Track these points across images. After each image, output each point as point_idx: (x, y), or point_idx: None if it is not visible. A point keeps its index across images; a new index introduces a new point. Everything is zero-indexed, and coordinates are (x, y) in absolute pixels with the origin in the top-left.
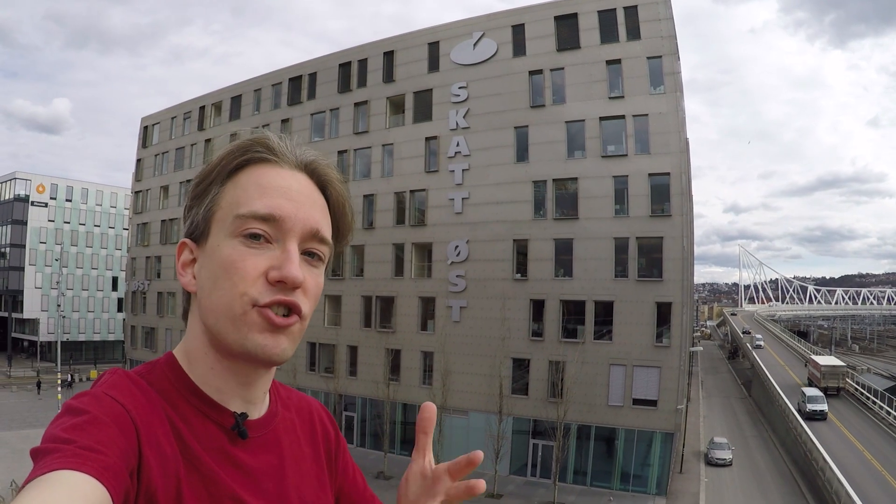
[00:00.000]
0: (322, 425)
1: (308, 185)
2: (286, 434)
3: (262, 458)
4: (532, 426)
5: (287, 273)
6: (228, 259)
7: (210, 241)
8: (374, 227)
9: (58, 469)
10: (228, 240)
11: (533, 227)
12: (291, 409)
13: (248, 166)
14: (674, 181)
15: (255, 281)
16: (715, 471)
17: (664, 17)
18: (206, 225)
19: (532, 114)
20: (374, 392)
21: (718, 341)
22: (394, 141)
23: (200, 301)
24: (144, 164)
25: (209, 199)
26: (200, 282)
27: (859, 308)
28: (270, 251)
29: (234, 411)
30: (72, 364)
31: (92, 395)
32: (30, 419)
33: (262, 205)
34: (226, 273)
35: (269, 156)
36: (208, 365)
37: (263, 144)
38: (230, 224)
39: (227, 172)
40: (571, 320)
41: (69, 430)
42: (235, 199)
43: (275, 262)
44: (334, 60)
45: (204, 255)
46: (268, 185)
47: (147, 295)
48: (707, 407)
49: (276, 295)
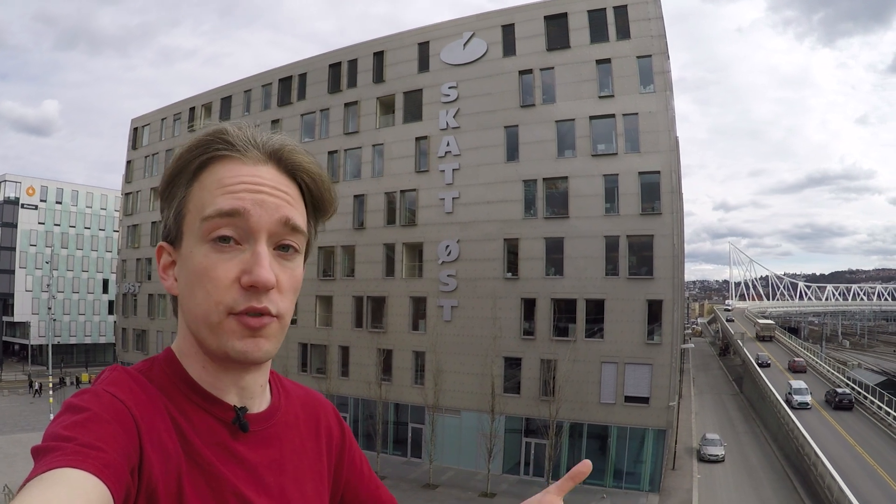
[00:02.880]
0: (327, 421)
1: (274, 175)
2: (288, 429)
3: (263, 453)
4: (524, 425)
5: (257, 277)
6: (201, 267)
7: (184, 246)
8: (364, 227)
9: (58, 467)
10: (199, 245)
11: (523, 227)
12: (296, 403)
13: (211, 164)
14: (664, 179)
15: (228, 289)
16: (707, 467)
17: (653, 17)
18: (178, 228)
19: (522, 113)
20: (367, 392)
21: (710, 338)
22: (384, 141)
23: (182, 306)
24: (134, 166)
25: (177, 201)
26: (180, 287)
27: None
28: (241, 254)
29: (233, 405)
30: (63, 367)
31: (92, 393)
32: (21, 423)
33: (225, 201)
34: (199, 281)
35: (231, 152)
36: (200, 363)
37: (223, 140)
38: (198, 228)
39: (192, 172)
40: (563, 319)
41: (70, 427)
42: (201, 201)
43: (245, 265)
44: (324, 61)
45: (180, 259)
46: (229, 180)
47: (138, 297)
48: (699, 404)
49: (250, 302)
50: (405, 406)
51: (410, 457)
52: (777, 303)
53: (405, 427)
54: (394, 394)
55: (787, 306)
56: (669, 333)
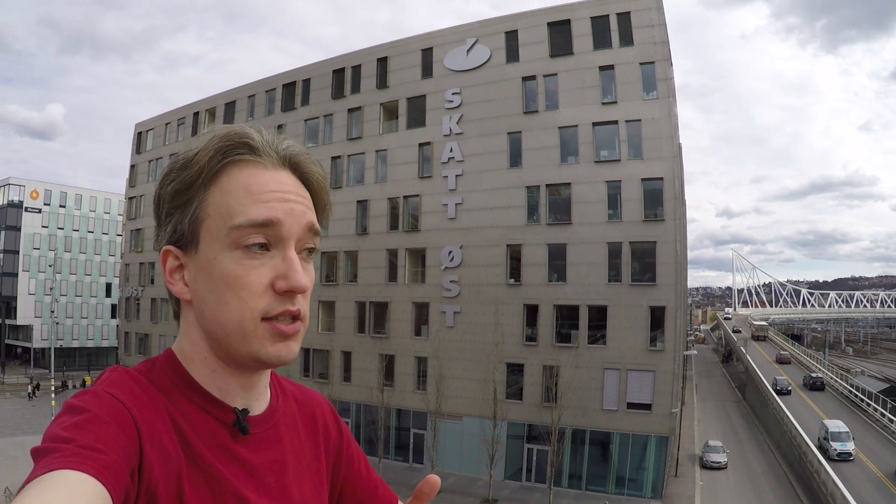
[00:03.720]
0: (323, 419)
1: (293, 181)
2: (287, 429)
3: (264, 454)
4: (526, 431)
5: (295, 283)
6: (232, 274)
7: (202, 250)
8: (367, 232)
9: (57, 468)
10: (227, 252)
11: (526, 233)
12: (293, 402)
13: (230, 168)
14: (667, 186)
15: (262, 294)
16: (710, 474)
17: (657, 24)
18: (194, 233)
19: (525, 119)
20: (369, 397)
21: (712, 345)
22: (387, 147)
23: (203, 313)
24: (138, 170)
25: (194, 206)
26: (198, 293)
27: (853, 311)
28: (271, 259)
29: (234, 407)
30: (65, 370)
31: (92, 394)
32: (23, 426)
33: (257, 212)
34: (231, 288)
35: (252, 156)
36: (209, 368)
37: (245, 144)
38: (226, 235)
39: (210, 176)
40: (565, 325)
41: (69, 428)
42: (227, 208)
43: (279, 270)
44: (328, 67)
45: (195, 264)
46: (257, 189)
47: (141, 301)
48: (701, 410)
49: (285, 305)
50: (407, 411)
51: (412, 462)
52: (780, 309)
53: (407, 432)
54: (396, 399)
55: (790, 313)
56: (672, 340)
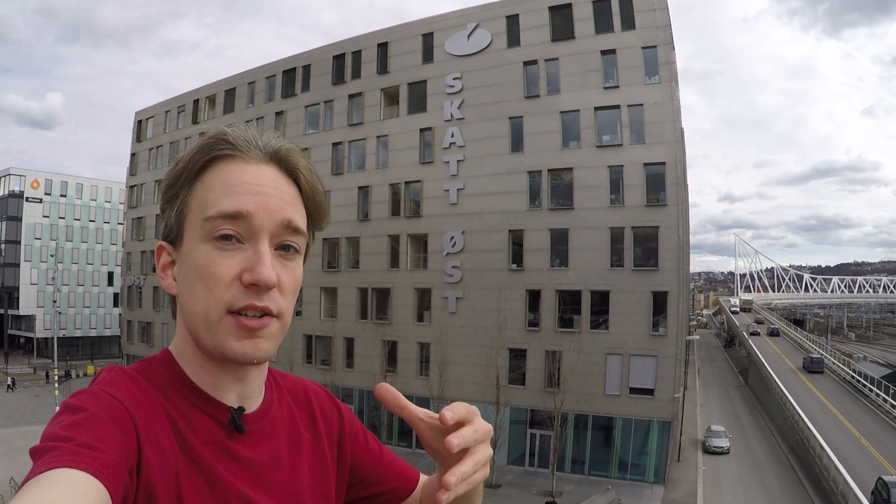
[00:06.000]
0: (320, 406)
1: (276, 175)
2: (283, 422)
3: (261, 450)
4: (529, 416)
5: (259, 276)
6: (202, 264)
7: (184, 245)
8: (369, 218)
9: (56, 467)
10: (201, 244)
11: (528, 218)
12: (287, 395)
13: (213, 165)
14: (669, 171)
15: (229, 285)
16: (712, 459)
17: (658, 7)
18: (179, 228)
19: (527, 104)
20: (371, 384)
21: (715, 330)
22: (388, 132)
23: (180, 305)
24: (139, 159)
25: (179, 201)
26: (179, 286)
27: (855, 296)
28: (243, 252)
29: (229, 406)
30: (69, 360)
31: (90, 393)
32: (28, 416)
33: (229, 203)
34: (200, 279)
35: (233, 151)
36: (198, 364)
37: (225, 140)
38: (200, 227)
39: (194, 173)
40: (567, 310)
41: (67, 427)
42: (203, 201)
43: (247, 263)
44: (328, 52)
45: (180, 259)
46: (233, 181)
47: (143, 289)
48: (704, 395)
49: (250, 299)
50: (410, 397)
51: (416, 448)
52: (782, 294)
53: None
54: (398, 385)
55: (792, 298)
56: (675, 325)
